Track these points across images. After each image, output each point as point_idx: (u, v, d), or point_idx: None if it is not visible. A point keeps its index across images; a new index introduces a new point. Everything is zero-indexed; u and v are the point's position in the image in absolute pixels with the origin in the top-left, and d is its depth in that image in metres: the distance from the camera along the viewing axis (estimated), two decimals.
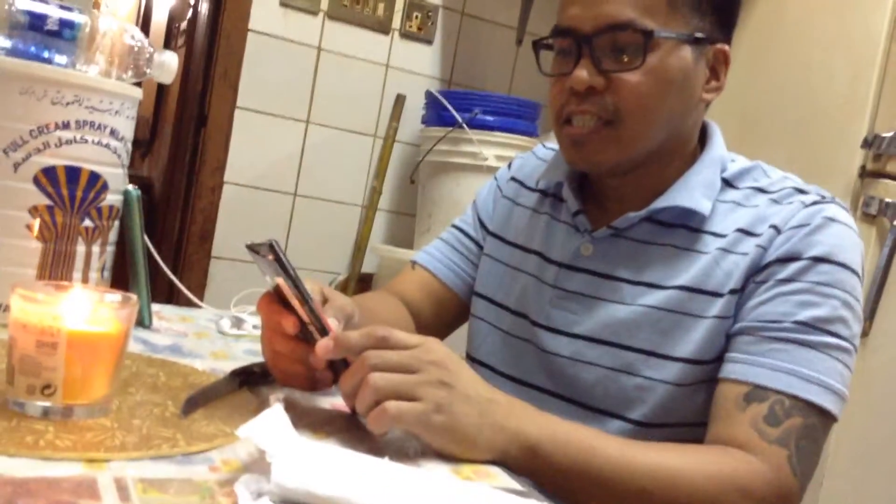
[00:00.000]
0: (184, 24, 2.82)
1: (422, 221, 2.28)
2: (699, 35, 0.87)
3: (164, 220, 2.35)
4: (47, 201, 0.85)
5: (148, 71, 0.95)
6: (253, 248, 0.70)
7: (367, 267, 2.32)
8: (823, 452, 0.83)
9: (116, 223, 0.94)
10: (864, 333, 1.76)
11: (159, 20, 3.51)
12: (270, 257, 0.68)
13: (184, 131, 2.32)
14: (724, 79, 0.91)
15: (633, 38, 0.84)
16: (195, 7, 2.49)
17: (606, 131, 0.86)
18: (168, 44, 3.22)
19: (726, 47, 0.90)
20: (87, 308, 0.62)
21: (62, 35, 0.88)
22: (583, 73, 0.85)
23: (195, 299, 1.24)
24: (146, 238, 0.97)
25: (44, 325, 0.59)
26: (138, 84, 0.95)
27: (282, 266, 0.68)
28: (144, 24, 3.77)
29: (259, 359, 0.81)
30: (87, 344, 0.61)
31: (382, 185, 2.36)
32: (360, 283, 2.31)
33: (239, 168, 2.19)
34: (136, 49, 0.93)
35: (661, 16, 0.85)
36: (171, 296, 1.63)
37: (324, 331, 0.70)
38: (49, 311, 0.60)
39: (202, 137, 2.17)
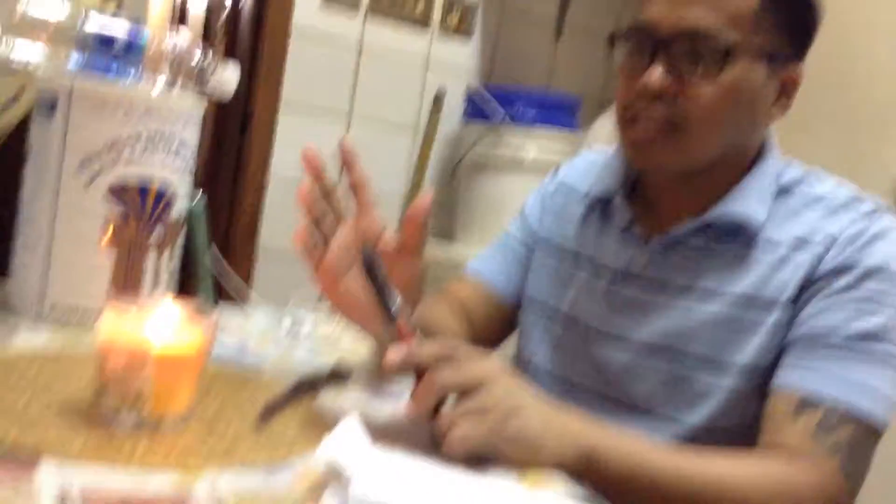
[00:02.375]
0: (223, 18, 2.85)
1: (462, 216, 2.30)
2: (777, 54, 0.87)
3: (208, 217, 2.39)
4: (120, 213, 0.88)
5: (210, 83, 0.98)
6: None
7: None
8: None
9: (184, 230, 0.97)
10: None
11: (196, 14, 3.54)
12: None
13: (227, 129, 2.36)
14: (793, 100, 0.91)
15: (713, 49, 0.84)
16: (235, 3, 2.52)
17: (671, 137, 0.87)
18: (206, 39, 3.26)
19: (799, 68, 0.90)
20: (173, 325, 0.65)
21: (130, 52, 0.91)
22: (656, 76, 0.85)
23: (245, 300, 1.28)
24: (216, 249, 1.00)
25: (134, 346, 0.62)
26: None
27: (372, 276, 0.73)
28: (181, 16, 3.80)
29: (321, 361, 0.84)
30: (174, 359, 0.64)
31: (423, 179, 2.39)
32: None
33: (284, 164, 2.23)
34: (199, 62, 0.95)
35: (745, 29, 0.84)
36: (219, 291, 1.67)
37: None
38: (138, 330, 0.63)
39: (247, 135, 2.20)
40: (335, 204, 0.82)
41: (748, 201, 0.90)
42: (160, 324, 0.65)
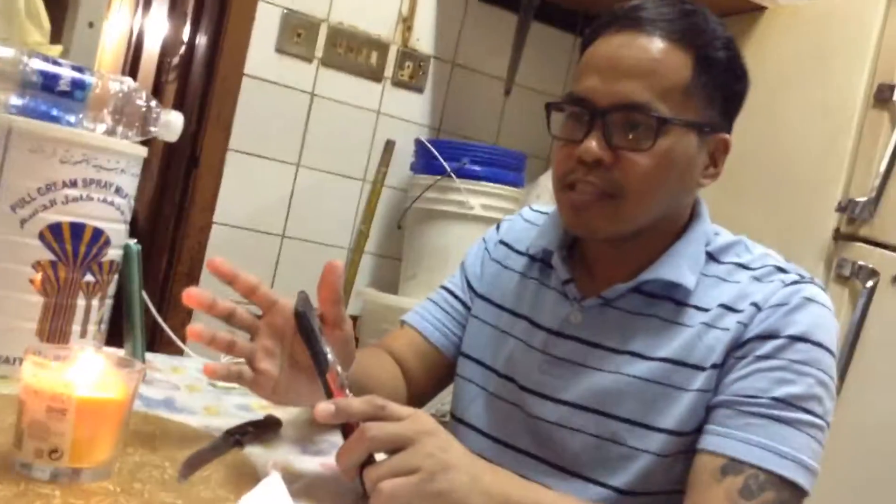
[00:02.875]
0: (175, 59, 2.85)
1: (407, 266, 2.31)
2: (706, 124, 0.90)
3: (149, 258, 2.36)
4: (51, 256, 0.87)
5: (153, 130, 0.98)
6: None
7: (352, 309, 2.34)
8: None
9: (116, 277, 0.96)
10: (836, 391, 1.80)
11: (150, 52, 3.54)
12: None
13: (173, 170, 2.34)
14: (722, 166, 0.95)
15: (647, 121, 0.87)
16: (189, 44, 2.52)
17: (607, 203, 0.89)
18: (158, 78, 3.25)
19: (728, 137, 0.94)
20: (96, 374, 0.64)
21: (73, 95, 0.90)
22: (593, 146, 0.87)
23: (183, 346, 1.26)
24: (145, 295, 0.99)
25: (55, 392, 0.61)
26: (144, 142, 0.98)
27: (303, 327, 0.74)
28: (135, 56, 3.79)
29: (251, 415, 0.83)
30: (96, 409, 0.63)
31: (370, 228, 2.39)
32: None
33: (228, 209, 2.22)
34: (143, 109, 0.95)
35: (676, 102, 0.88)
36: (154, 338, 1.64)
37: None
38: (60, 377, 0.62)
39: (193, 177, 2.19)
40: (240, 321, 0.80)
41: (679, 267, 0.92)
42: (83, 372, 0.64)
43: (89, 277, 0.90)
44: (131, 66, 3.74)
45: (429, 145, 2.22)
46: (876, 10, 1.86)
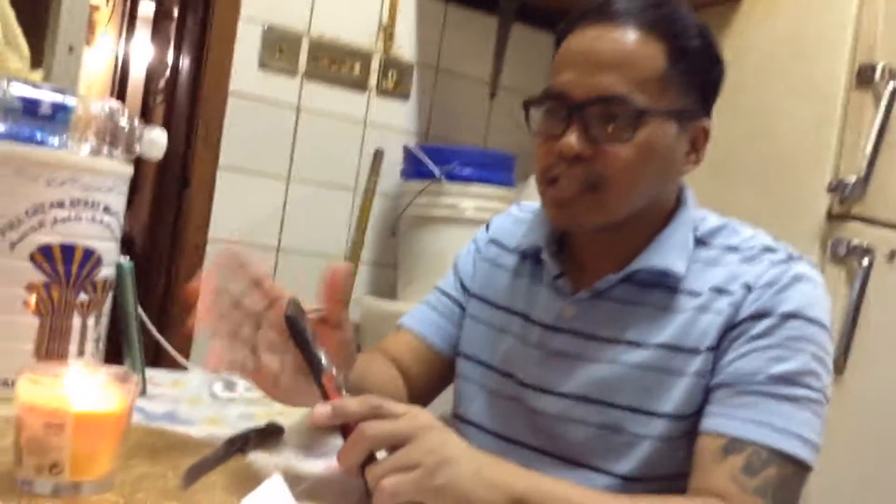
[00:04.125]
0: (161, 83, 2.86)
1: (404, 273, 2.31)
2: (685, 111, 0.91)
3: (147, 278, 2.36)
4: (44, 278, 0.87)
5: (138, 148, 0.98)
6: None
7: (352, 318, 2.34)
8: (801, 499, 0.86)
9: (110, 295, 0.96)
10: (840, 371, 1.81)
11: (136, 76, 3.55)
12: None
13: (166, 191, 2.35)
14: (703, 152, 0.96)
15: (625, 112, 0.87)
16: (174, 67, 2.54)
17: (590, 196, 0.90)
18: (146, 102, 3.26)
19: (707, 123, 0.95)
20: (91, 388, 0.65)
21: (55, 118, 0.91)
22: (573, 140, 0.88)
23: (183, 361, 1.27)
24: (140, 309, 0.99)
25: (51, 408, 0.61)
26: (135, 165, 0.98)
27: (295, 331, 0.74)
28: (122, 81, 3.81)
29: (253, 423, 0.84)
30: (93, 423, 0.63)
31: (364, 237, 2.40)
32: None
33: (222, 225, 2.22)
34: (125, 129, 0.96)
35: (653, 92, 0.88)
36: (156, 355, 1.64)
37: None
38: (56, 393, 0.62)
39: (185, 197, 2.20)
40: (248, 310, 0.78)
41: (668, 254, 0.93)
42: (80, 387, 0.64)
43: (83, 297, 0.91)
44: (119, 91, 3.75)
45: (417, 151, 2.23)
46: None
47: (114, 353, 0.99)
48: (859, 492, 1.84)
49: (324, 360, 0.75)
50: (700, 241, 0.95)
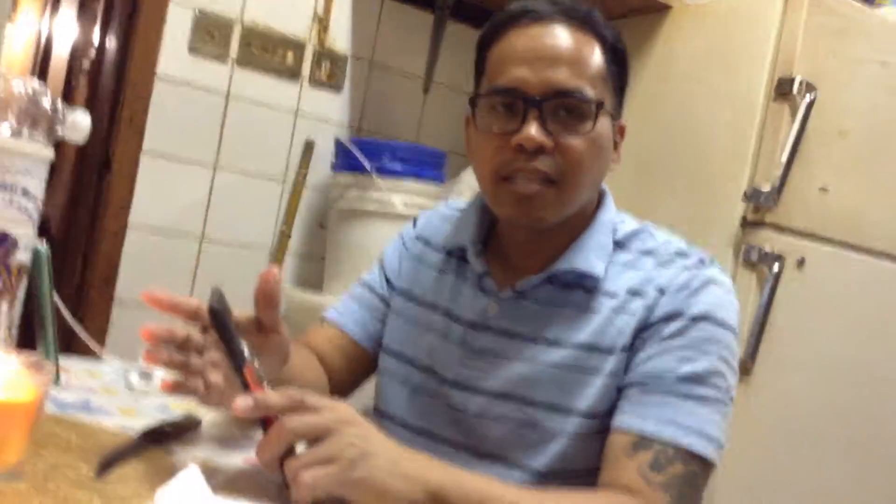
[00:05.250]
0: (86, 62, 2.78)
1: (332, 266, 2.30)
2: (615, 109, 0.96)
3: (63, 263, 2.30)
4: None
5: (60, 130, 0.96)
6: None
7: None
8: (706, 496, 0.90)
9: (25, 280, 0.94)
10: (747, 372, 1.88)
11: (60, 55, 3.44)
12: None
13: (86, 173, 2.28)
14: (620, 150, 1.01)
15: (582, 106, 0.90)
16: (99, 46, 2.47)
17: (550, 191, 0.91)
18: (69, 81, 3.16)
19: (624, 124, 1.00)
20: (3, 375, 0.63)
21: None
22: (533, 132, 0.89)
23: (98, 350, 1.24)
24: (56, 297, 0.97)
25: None
26: (55, 147, 0.96)
27: (217, 323, 0.74)
28: (45, 59, 3.68)
29: (170, 415, 0.83)
30: (4, 411, 0.62)
31: (291, 229, 2.38)
32: None
33: (144, 212, 2.17)
34: (48, 110, 0.94)
35: (599, 88, 0.92)
36: (70, 342, 1.60)
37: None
38: None
39: (106, 181, 2.15)
40: (193, 342, 0.80)
41: (588, 256, 0.95)
42: None
43: None
44: (41, 70, 3.62)
45: (348, 145, 2.22)
46: (774, 9, 1.95)
47: (26, 339, 0.97)
48: (764, 490, 1.91)
49: (246, 352, 0.75)
50: (619, 245, 0.98)
